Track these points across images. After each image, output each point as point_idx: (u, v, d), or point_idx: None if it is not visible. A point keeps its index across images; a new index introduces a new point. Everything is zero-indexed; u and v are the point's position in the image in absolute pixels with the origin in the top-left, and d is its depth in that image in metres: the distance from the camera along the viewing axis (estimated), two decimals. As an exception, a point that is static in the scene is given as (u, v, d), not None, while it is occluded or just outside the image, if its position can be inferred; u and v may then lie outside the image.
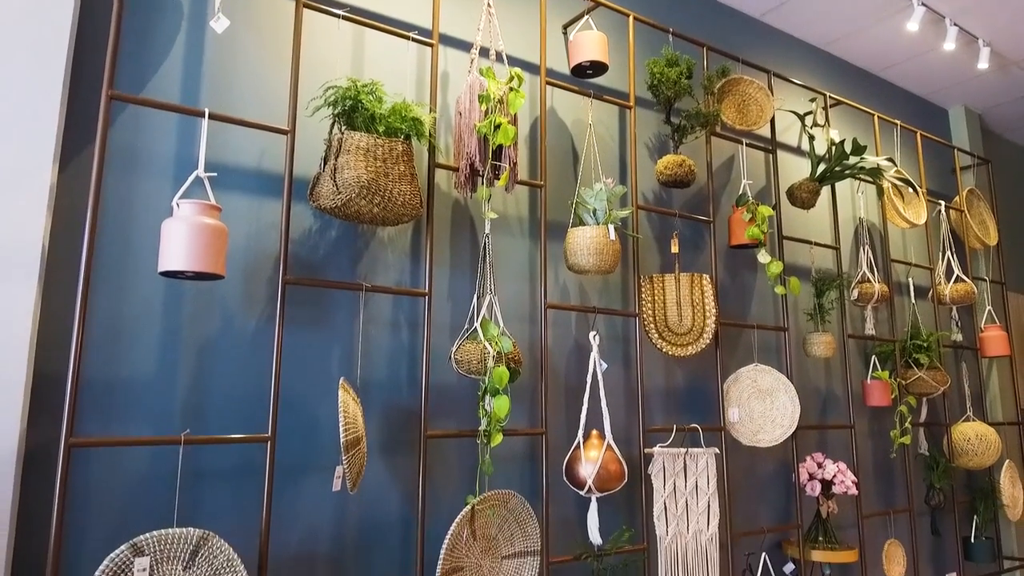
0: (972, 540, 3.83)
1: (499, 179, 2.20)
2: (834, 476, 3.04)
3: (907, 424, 3.46)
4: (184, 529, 1.66)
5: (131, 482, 1.78)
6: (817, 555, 3.00)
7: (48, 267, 1.73)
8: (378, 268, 2.24)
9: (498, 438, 2.11)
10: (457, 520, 2.06)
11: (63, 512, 1.59)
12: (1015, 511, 3.96)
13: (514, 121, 2.24)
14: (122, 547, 1.58)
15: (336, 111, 1.99)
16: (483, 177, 2.24)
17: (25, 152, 1.69)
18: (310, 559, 1.99)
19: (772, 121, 3.35)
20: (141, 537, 1.61)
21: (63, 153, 1.80)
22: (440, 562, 2.02)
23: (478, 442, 2.18)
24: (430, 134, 2.19)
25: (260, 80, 2.13)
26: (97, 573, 1.54)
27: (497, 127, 2.16)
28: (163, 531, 1.64)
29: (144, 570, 1.61)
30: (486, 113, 2.18)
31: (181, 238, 1.65)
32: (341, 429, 1.77)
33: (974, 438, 3.79)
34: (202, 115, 1.85)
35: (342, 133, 1.94)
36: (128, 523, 1.76)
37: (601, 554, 2.41)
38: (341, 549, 2.04)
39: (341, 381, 1.91)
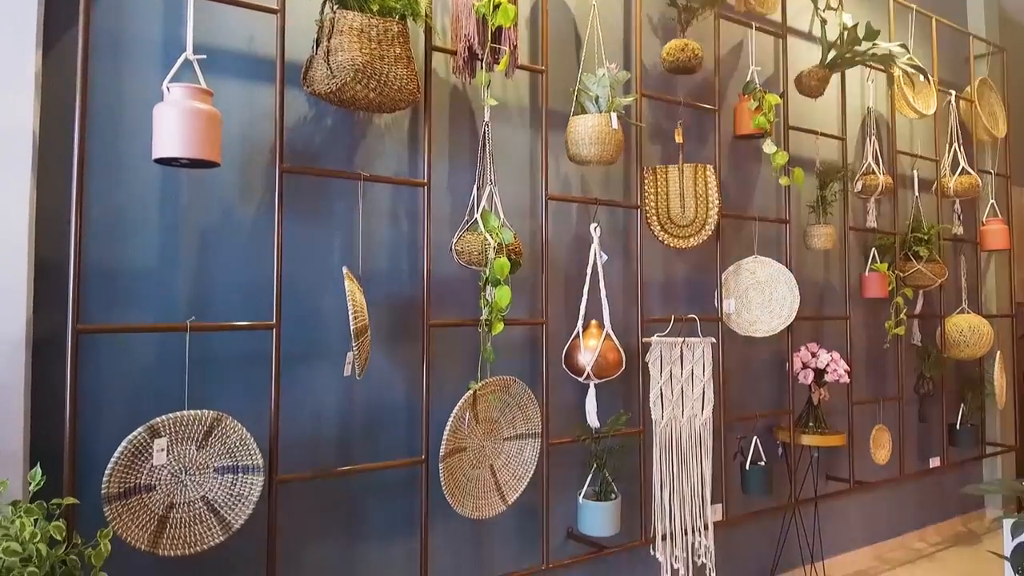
0: (957, 427, 3.97)
1: (499, 63, 2.13)
2: (827, 365, 3.12)
3: (902, 315, 3.51)
4: (198, 411, 1.71)
5: (139, 370, 1.82)
6: (807, 439, 3.12)
7: (40, 156, 1.70)
8: (375, 157, 2.20)
9: (499, 327, 2.14)
10: (459, 404, 2.13)
11: (76, 397, 1.63)
12: (1001, 399, 4.08)
13: (514, 0, 2.14)
14: (139, 429, 1.63)
15: (327, -12, 1.90)
16: (482, 61, 2.16)
17: (6, 37, 1.62)
18: (319, 441, 2.06)
19: (783, 4, 3.21)
20: (157, 419, 1.66)
21: (46, 38, 1.73)
22: (443, 443, 2.10)
23: (479, 331, 2.21)
24: (426, 14, 2.10)
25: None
26: (116, 454, 1.61)
27: (496, 7, 2.06)
28: (178, 413, 1.69)
29: (163, 450, 1.67)
30: (484, -8, 2.08)
31: (173, 124, 1.61)
32: (350, 317, 1.79)
33: (967, 329, 3.86)
34: (187, -7, 1.77)
35: (334, 12, 1.86)
36: (138, 409, 1.80)
37: (599, 436, 2.51)
38: (349, 432, 2.12)
39: (345, 271, 1.91)
